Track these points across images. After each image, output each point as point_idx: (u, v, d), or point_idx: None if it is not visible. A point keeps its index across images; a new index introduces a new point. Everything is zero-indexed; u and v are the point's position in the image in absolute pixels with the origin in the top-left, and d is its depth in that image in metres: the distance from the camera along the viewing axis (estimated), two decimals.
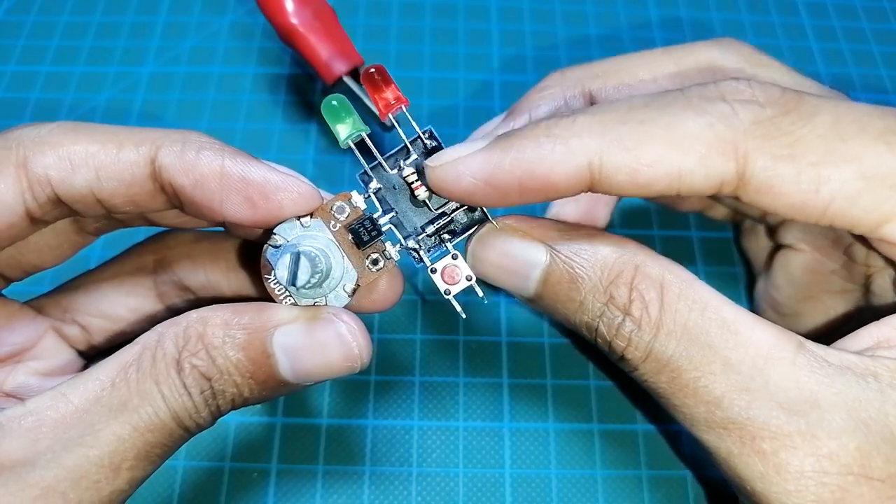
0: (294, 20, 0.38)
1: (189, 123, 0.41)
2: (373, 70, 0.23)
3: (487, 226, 0.24)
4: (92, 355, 0.27)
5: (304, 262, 0.22)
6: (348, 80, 0.38)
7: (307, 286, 0.22)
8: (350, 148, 0.23)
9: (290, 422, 0.33)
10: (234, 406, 0.22)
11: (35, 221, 0.23)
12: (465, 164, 0.22)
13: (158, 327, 0.22)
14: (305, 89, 0.43)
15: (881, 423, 0.21)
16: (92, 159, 0.22)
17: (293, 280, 0.21)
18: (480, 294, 0.24)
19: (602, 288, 0.22)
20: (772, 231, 0.32)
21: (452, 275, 0.24)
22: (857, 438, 0.20)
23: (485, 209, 0.24)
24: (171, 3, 0.46)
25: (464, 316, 0.24)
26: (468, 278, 0.24)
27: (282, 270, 0.22)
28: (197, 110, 0.42)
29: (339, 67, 0.38)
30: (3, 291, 0.26)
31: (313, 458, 0.32)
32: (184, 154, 0.22)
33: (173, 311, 0.28)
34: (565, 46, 0.45)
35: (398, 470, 0.32)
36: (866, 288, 0.28)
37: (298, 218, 0.23)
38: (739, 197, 0.22)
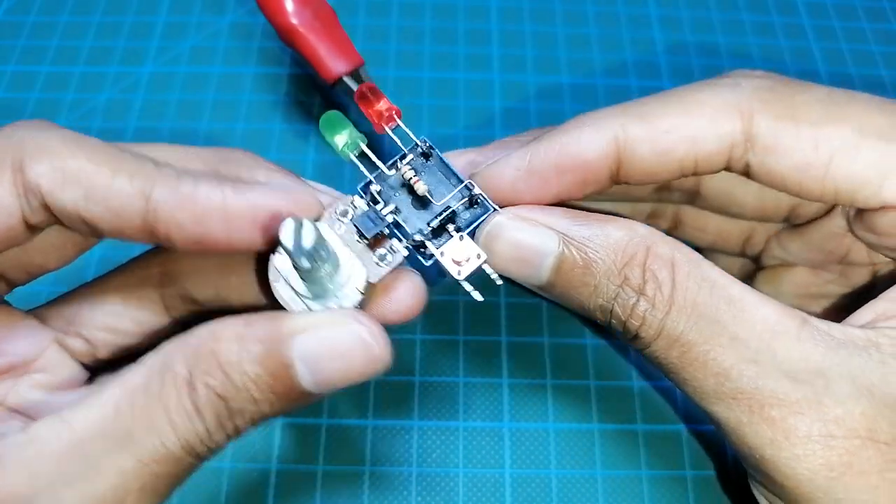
0: (294, 20, 0.37)
1: (189, 123, 0.41)
2: (365, 89, 0.24)
3: (496, 218, 0.24)
4: (96, 367, 0.27)
5: (307, 224, 0.20)
6: (348, 80, 0.38)
7: (315, 263, 0.21)
8: (351, 160, 0.24)
9: (290, 422, 0.33)
10: (254, 424, 0.22)
11: (31, 228, 0.23)
12: (506, 161, 0.25)
13: (165, 347, 0.21)
14: (305, 89, 0.43)
15: (884, 389, 0.21)
16: (84, 178, 0.21)
17: (299, 244, 0.20)
18: (494, 276, 0.24)
19: (616, 270, 0.23)
20: (756, 258, 0.32)
21: (461, 255, 0.24)
22: (862, 404, 0.21)
23: (487, 200, 0.24)
24: (171, 3, 0.46)
25: (480, 298, 0.24)
26: (479, 256, 0.23)
27: (285, 233, 0.20)
28: (197, 110, 0.42)
29: (339, 67, 0.38)
30: (7, 297, 0.26)
31: (313, 458, 0.32)
32: (180, 190, 0.21)
33: (180, 324, 0.27)
34: (565, 46, 0.45)
35: (398, 470, 0.32)
36: (872, 285, 0.28)
37: None
38: (750, 164, 0.24)
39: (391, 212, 0.24)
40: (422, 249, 0.24)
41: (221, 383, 0.20)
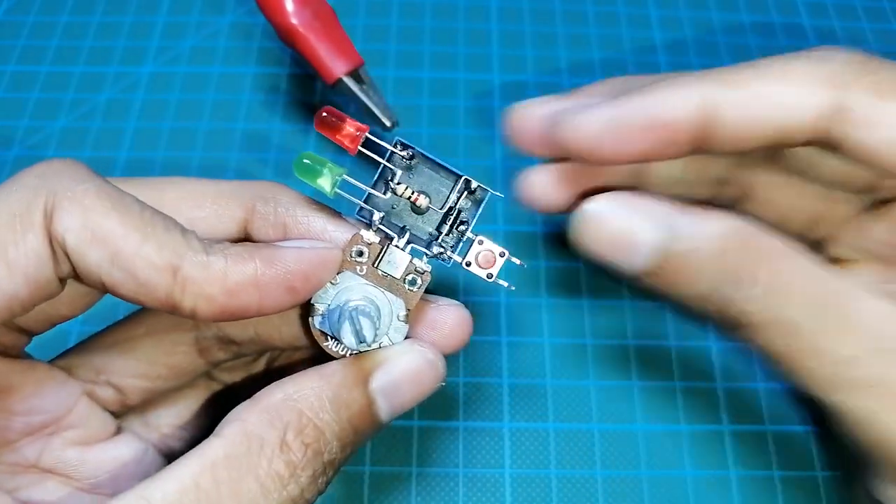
0: (294, 20, 0.37)
1: (189, 123, 0.41)
2: (324, 114, 0.23)
3: (596, 203, 0.24)
4: (123, 413, 0.26)
5: (362, 319, 0.22)
6: (348, 80, 0.38)
7: (375, 336, 0.22)
8: (339, 194, 0.23)
9: None
10: (335, 474, 0.22)
11: (61, 280, 0.21)
12: (592, 112, 0.24)
13: (238, 415, 0.20)
14: (305, 89, 0.43)
15: None
16: (112, 241, 0.20)
17: (362, 339, 0.22)
18: (518, 262, 0.24)
19: (720, 261, 0.23)
20: (817, 245, 0.30)
21: (487, 259, 0.24)
22: None
23: (483, 186, 0.24)
24: (171, 3, 0.46)
25: (513, 288, 0.24)
26: (501, 255, 0.24)
27: (348, 337, 0.22)
28: (197, 110, 0.42)
29: (339, 67, 0.38)
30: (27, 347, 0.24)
31: None
32: (210, 266, 0.20)
33: (214, 366, 0.27)
34: (565, 46, 0.45)
35: (398, 470, 0.32)
36: None
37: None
38: (840, 137, 0.23)
39: (407, 241, 0.24)
40: (443, 256, 0.24)
41: (316, 439, 0.21)
